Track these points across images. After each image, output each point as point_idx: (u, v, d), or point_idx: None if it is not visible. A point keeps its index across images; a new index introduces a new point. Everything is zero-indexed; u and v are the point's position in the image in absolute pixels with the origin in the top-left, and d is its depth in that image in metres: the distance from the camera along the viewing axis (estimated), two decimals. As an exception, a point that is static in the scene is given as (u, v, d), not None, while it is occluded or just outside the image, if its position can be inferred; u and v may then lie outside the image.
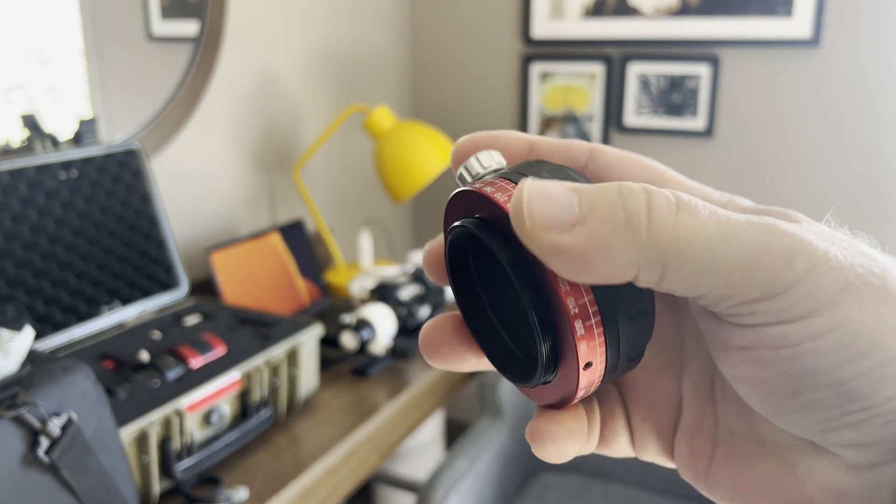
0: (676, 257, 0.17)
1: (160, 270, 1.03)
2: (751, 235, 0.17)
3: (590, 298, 0.19)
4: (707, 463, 0.22)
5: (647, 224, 0.17)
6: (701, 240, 0.17)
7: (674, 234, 0.17)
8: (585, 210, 0.17)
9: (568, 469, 1.40)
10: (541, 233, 0.17)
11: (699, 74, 1.58)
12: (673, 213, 0.17)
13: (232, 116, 1.36)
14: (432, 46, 1.88)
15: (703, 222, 0.17)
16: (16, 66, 1.02)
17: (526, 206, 0.17)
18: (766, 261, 0.17)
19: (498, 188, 0.20)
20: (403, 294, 1.19)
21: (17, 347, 0.61)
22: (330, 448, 0.91)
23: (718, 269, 0.17)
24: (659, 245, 0.17)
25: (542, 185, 0.18)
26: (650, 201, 0.17)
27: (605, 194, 0.17)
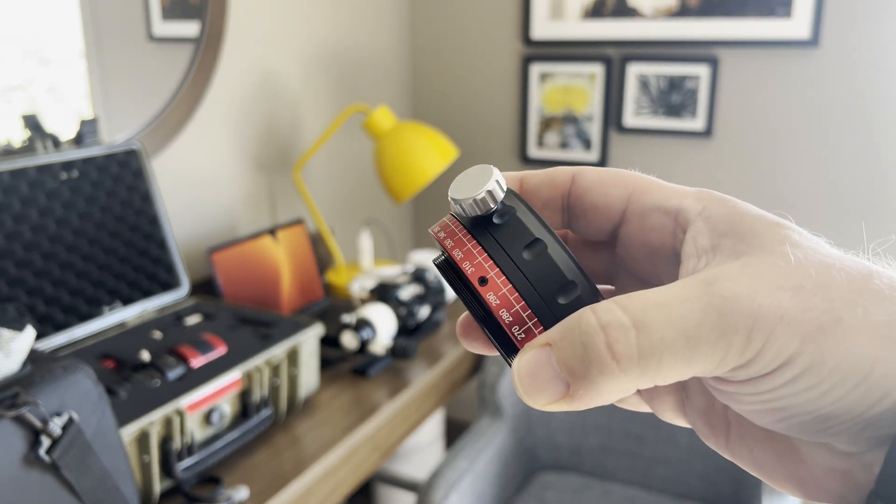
0: (654, 374, 0.19)
1: (161, 270, 1.03)
2: (707, 327, 0.19)
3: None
4: (724, 438, 0.24)
5: (616, 364, 0.19)
6: (667, 353, 0.19)
7: (642, 361, 0.19)
8: (567, 373, 0.19)
9: (568, 469, 1.40)
10: (547, 405, 0.20)
11: (698, 75, 1.58)
12: (633, 340, 0.19)
13: (232, 117, 1.36)
14: (432, 47, 1.88)
15: (662, 336, 0.19)
16: (16, 67, 1.02)
17: (525, 393, 0.20)
18: (728, 345, 0.19)
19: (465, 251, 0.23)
20: (403, 294, 1.20)
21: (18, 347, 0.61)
22: (330, 448, 0.91)
23: (693, 367, 0.19)
24: (635, 373, 0.19)
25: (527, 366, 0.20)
26: (608, 339, 0.19)
27: (574, 349, 0.19)
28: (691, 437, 1.31)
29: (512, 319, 0.22)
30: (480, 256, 0.22)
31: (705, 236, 0.22)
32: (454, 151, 1.37)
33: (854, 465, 0.21)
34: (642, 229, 0.24)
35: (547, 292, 0.22)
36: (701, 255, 0.21)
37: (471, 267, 0.22)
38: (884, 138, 1.47)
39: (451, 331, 1.29)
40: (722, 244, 0.21)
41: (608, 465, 1.37)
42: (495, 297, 0.22)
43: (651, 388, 0.25)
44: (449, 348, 1.23)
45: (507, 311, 0.22)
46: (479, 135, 1.86)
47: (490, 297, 0.22)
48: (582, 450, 1.39)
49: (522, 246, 0.22)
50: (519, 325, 0.22)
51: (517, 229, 0.22)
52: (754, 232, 0.21)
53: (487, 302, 0.22)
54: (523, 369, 0.20)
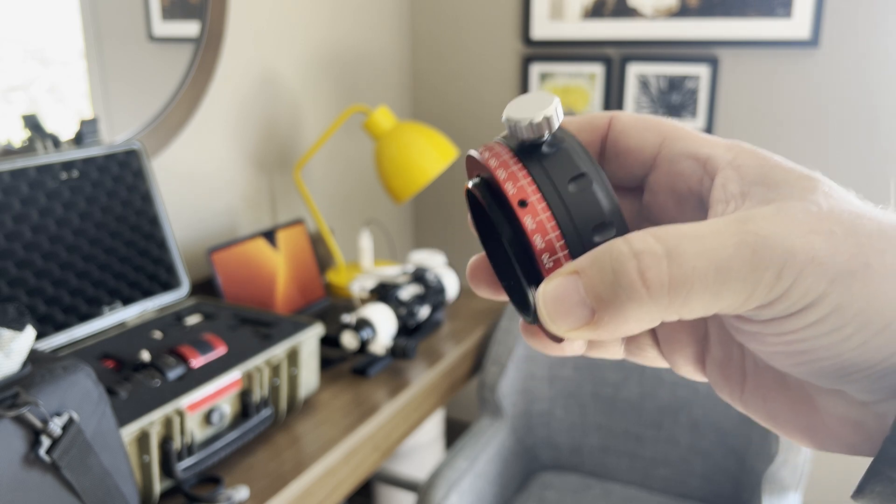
0: (682, 304, 0.19)
1: (161, 270, 1.03)
2: (739, 261, 0.19)
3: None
4: (739, 390, 0.25)
5: (647, 291, 0.19)
6: (697, 284, 0.19)
7: (672, 289, 0.19)
8: (594, 300, 0.20)
9: (568, 469, 1.40)
10: (570, 332, 0.20)
11: (698, 75, 1.58)
12: (665, 268, 0.19)
13: (233, 117, 1.36)
14: (432, 47, 1.88)
15: (694, 266, 0.19)
16: (17, 67, 1.02)
17: (549, 318, 0.20)
18: (757, 280, 0.19)
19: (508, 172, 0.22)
20: (403, 294, 1.20)
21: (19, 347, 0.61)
22: (330, 447, 0.91)
23: (720, 301, 0.19)
24: (664, 302, 0.19)
25: (553, 291, 0.20)
26: (640, 266, 0.19)
27: (604, 275, 0.19)
28: (691, 437, 1.31)
29: (544, 246, 0.22)
30: (524, 180, 0.22)
31: (735, 183, 0.22)
32: (454, 151, 1.37)
33: (867, 415, 0.21)
34: (671, 174, 0.24)
35: (584, 227, 0.21)
36: (730, 200, 0.21)
37: (513, 188, 0.22)
38: (884, 138, 1.47)
39: (451, 331, 1.30)
40: (752, 191, 0.21)
41: (608, 465, 1.37)
42: (532, 221, 0.22)
43: (671, 341, 0.26)
44: (449, 348, 1.23)
45: (541, 237, 0.22)
46: (479, 135, 1.86)
47: (527, 221, 0.22)
48: (582, 450, 1.39)
49: (568, 178, 0.22)
50: (549, 253, 0.22)
51: (566, 161, 0.22)
52: (786, 181, 0.21)
53: (524, 225, 0.22)
54: (549, 294, 0.20)
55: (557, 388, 1.38)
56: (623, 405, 1.36)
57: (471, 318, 1.35)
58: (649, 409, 1.34)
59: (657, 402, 1.33)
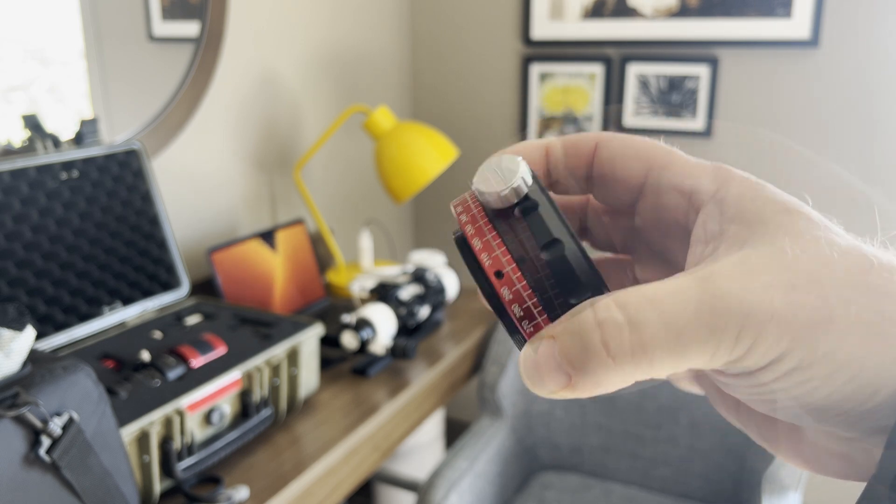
0: (647, 367, 0.20)
1: (161, 270, 1.03)
2: (697, 324, 0.19)
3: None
4: (735, 411, 0.25)
5: (612, 360, 0.20)
6: (658, 350, 0.19)
7: (635, 357, 0.20)
8: (568, 365, 0.20)
9: (568, 469, 1.40)
10: (552, 394, 0.21)
11: (698, 75, 1.58)
12: (626, 336, 0.19)
13: (233, 117, 1.36)
14: (432, 47, 1.88)
15: (653, 334, 0.19)
16: (17, 67, 1.02)
17: (529, 383, 0.21)
18: (718, 343, 0.19)
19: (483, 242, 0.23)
20: (403, 294, 1.20)
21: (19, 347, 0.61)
22: (330, 447, 0.91)
23: (684, 362, 0.20)
24: (629, 367, 0.20)
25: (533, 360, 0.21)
26: (603, 336, 0.20)
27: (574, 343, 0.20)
28: (691, 437, 1.31)
29: (523, 314, 0.22)
30: (499, 249, 0.23)
31: (715, 220, 0.22)
32: (454, 151, 1.37)
33: (854, 449, 0.22)
34: (658, 206, 0.25)
35: (559, 293, 0.22)
36: (709, 240, 0.22)
37: (489, 259, 0.23)
38: (884, 138, 1.47)
39: (451, 331, 1.30)
40: (728, 230, 0.21)
41: (608, 465, 1.37)
42: (509, 291, 0.22)
43: None
44: (449, 348, 1.23)
45: (518, 306, 0.22)
46: (479, 135, 1.86)
47: (504, 292, 0.22)
48: (582, 450, 1.39)
49: (541, 244, 0.22)
50: (528, 319, 0.22)
51: (538, 227, 0.23)
52: (760, 218, 0.21)
53: (501, 296, 0.22)
54: (528, 360, 0.21)
55: (557, 388, 1.38)
56: (623, 405, 1.36)
57: (471, 318, 1.35)
58: (649, 409, 1.34)
59: (657, 403, 1.33)
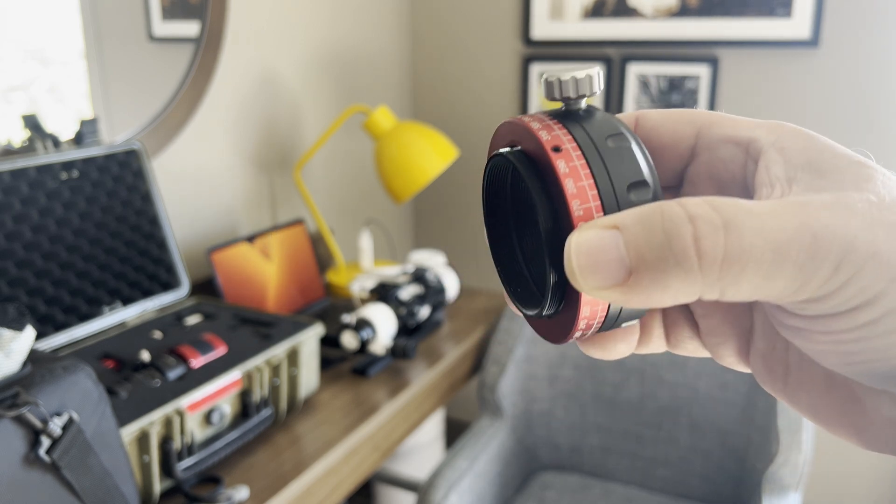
0: (731, 282, 0.17)
1: (161, 270, 1.03)
2: (799, 245, 0.17)
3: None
4: (783, 383, 0.23)
5: (698, 261, 0.17)
6: (751, 262, 0.17)
7: (725, 263, 0.17)
8: (635, 259, 0.18)
9: (568, 469, 1.40)
10: (598, 291, 0.18)
11: (699, 75, 1.58)
12: (721, 238, 0.17)
13: (233, 117, 1.36)
14: (432, 47, 1.88)
15: (752, 242, 0.17)
16: (17, 67, 1.02)
17: (577, 270, 0.18)
18: (814, 270, 0.17)
19: (544, 126, 0.21)
20: (403, 294, 1.20)
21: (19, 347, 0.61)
22: (330, 447, 0.91)
23: (771, 286, 0.18)
24: (713, 276, 0.17)
25: (588, 242, 0.18)
26: (696, 232, 0.17)
27: (651, 235, 0.17)
28: (691, 437, 1.31)
29: (576, 192, 0.20)
30: (560, 130, 0.21)
31: (780, 166, 0.20)
32: (454, 151, 1.37)
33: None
34: (712, 162, 0.23)
35: (620, 182, 0.20)
36: (775, 183, 0.20)
37: (547, 135, 0.21)
38: (884, 138, 1.47)
39: (451, 331, 1.30)
40: (799, 177, 0.19)
41: (608, 465, 1.37)
42: (566, 165, 0.20)
43: (715, 334, 0.24)
44: (449, 348, 1.23)
45: (573, 182, 0.20)
46: (479, 135, 1.86)
47: (560, 165, 0.20)
48: (582, 450, 1.39)
49: (606, 135, 0.21)
50: (581, 200, 0.20)
51: (603, 121, 0.21)
52: (836, 168, 0.19)
53: (556, 168, 0.20)
54: (583, 244, 0.18)
55: (557, 388, 1.38)
56: (623, 405, 1.36)
57: (471, 318, 1.35)
58: (649, 409, 1.34)
59: (657, 403, 1.33)
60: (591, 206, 0.20)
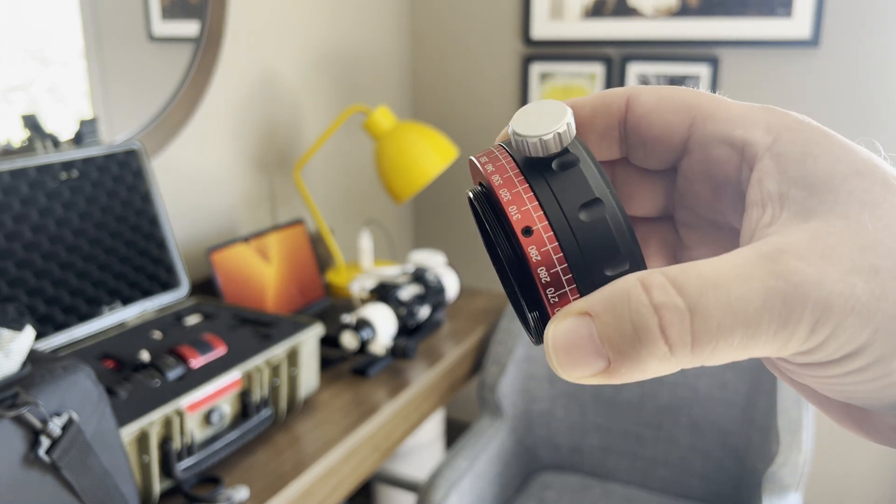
0: (707, 358, 0.18)
1: (161, 270, 1.03)
2: (769, 315, 0.17)
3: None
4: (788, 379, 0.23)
5: (669, 349, 0.17)
6: (721, 341, 0.17)
7: (696, 347, 0.17)
8: (610, 351, 0.18)
9: (568, 469, 1.40)
10: (583, 379, 0.19)
11: (699, 75, 1.58)
12: (687, 324, 0.17)
13: (232, 117, 1.36)
14: (432, 46, 1.88)
15: (719, 323, 0.17)
16: (17, 67, 1.02)
17: (559, 367, 0.19)
18: (790, 334, 0.17)
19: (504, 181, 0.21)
20: (403, 294, 1.20)
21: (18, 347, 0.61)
22: (330, 447, 0.91)
23: (749, 352, 0.18)
24: (686, 359, 0.18)
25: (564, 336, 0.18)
26: (661, 322, 0.17)
27: (622, 326, 0.18)
28: (691, 437, 1.31)
29: (549, 280, 0.19)
30: (531, 203, 0.20)
31: (773, 179, 0.19)
32: (454, 151, 1.37)
33: None
34: (705, 161, 0.22)
35: (594, 261, 0.19)
36: (766, 203, 0.19)
37: (517, 213, 0.20)
38: (884, 138, 1.47)
39: (451, 331, 1.29)
40: (791, 194, 0.19)
41: (608, 465, 1.37)
42: (537, 252, 0.19)
43: None
44: (449, 348, 1.23)
45: (546, 269, 0.19)
46: (479, 135, 1.86)
47: (532, 252, 0.19)
48: (582, 450, 1.39)
49: (579, 204, 0.20)
50: (555, 287, 0.19)
51: (577, 183, 0.20)
52: (829, 185, 0.19)
53: (528, 256, 0.20)
54: (559, 340, 0.18)
55: (557, 388, 1.38)
56: (623, 405, 1.36)
57: (471, 318, 1.35)
58: (649, 409, 1.34)
59: (657, 403, 1.33)
60: (565, 291, 0.20)
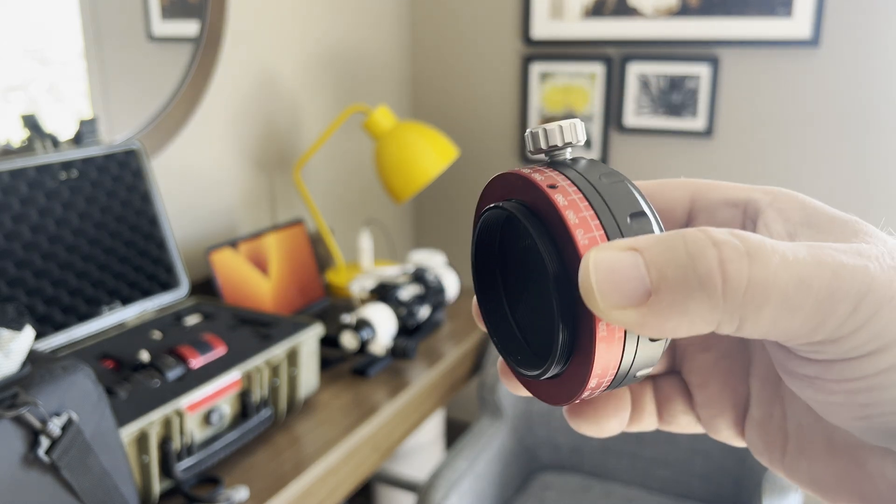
0: (752, 312, 0.17)
1: (160, 270, 1.03)
2: (820, 281, 0.17)
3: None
4: (780, 453, 0.23)
5: (722, 285, 0.17)
6: (775, 293, 0.17)
7: (749, 291, 0.17)
8: (656, 279, 0.17)
9: (568, 469, 1.40)
10: (616, 311, 0.17)
11: (699, 75, 1.58)
12: (746, 265, 0.17)
13: (232, 116, 1.36)
14: (432, 46, 1.88)
15: (776, 273, 0.17)
16: (16, 67, 1.02)
17: (596, 286, 0.17)
18: (833, 307, 0.17)
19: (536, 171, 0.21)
20: (403, 294, 1.20)
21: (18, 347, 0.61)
22: (330, 448, 0.91)
23: (789, 322, 0.17)
24: (735, 304, 0.17)
25: (608, 260, 0.17)
26: (721, 256, 0.17)
27: (675, 255, 0.17)
28: (692, 438, 1.31)
29: (577, 222, 0.19)
30: (552, 172, 0.21)
31: (779, 224, 0.20)
32: (454, 151, 1.37)
33: None
34: (710, 224, 0.22)
35: (620, 212, 0.20)
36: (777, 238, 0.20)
37: (541, 176, 0.21)
38: (884, 138, 1.47)
39: (451, 331, 1.29)
40: (800, 233, 0.19)
41: (609, 465, 1.37)
42: (564, 198, 0.20)
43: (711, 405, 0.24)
44: (449, 348, 1.22)
45: (574, 213, 0.19)
46: (479, 135, 1.86)
47: (559, 198, 0.20)
48: (582, 450, 1.39)
49: (599, 173, 0.21)
50: (584, 230, 0.19)
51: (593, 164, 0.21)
52: (833, 225, 0.19)
53: (555, 202, 0.20)
54: (601, 261, 0.17)
55: (557, 388, 1.38)
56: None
57: (471, 318, 1.35)
58: (649, 409, 1.34)
59: (657, 403, 1.33)
60: (595, 236, 0.19)
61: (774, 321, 0.17)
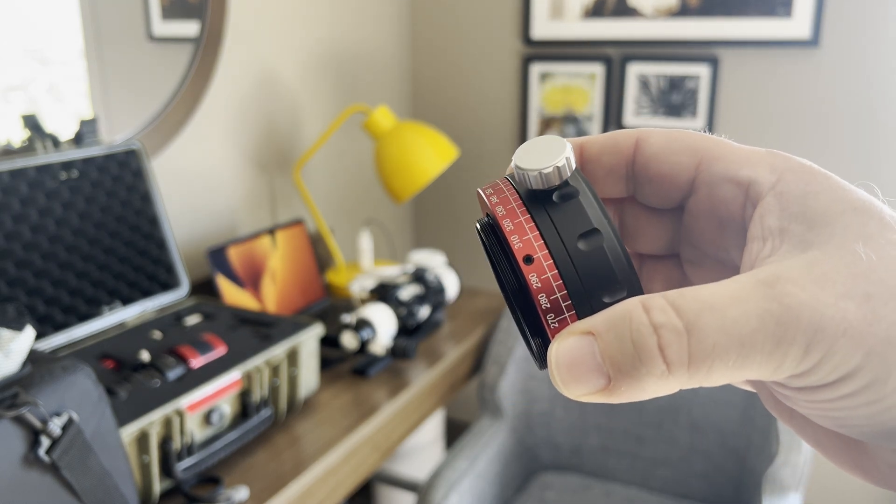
0: (704, 376, 0.18)
1: (160, 270, 1.03)
2: (762, 336, 0.18)
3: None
4: (789, 415, 0.23)
5: (667, 368, 0.18)
6: (719, 359, 0.18)
7: (693, 366, 0.18)
8: (612, 370, 0.19)
9: (568, 469, 1.40)
10: (584, 397, 0.19)
11: (699, 75, 1.58)
12: (684, 345, 0.18)
13: (232, 116, 1.36)
14: (432, 46, 1.88)
15: (714, 343, 0.18)
16: (16, 67, 1.02)
17: (562, 383, 0.20)
18: (784, 353, 0.18)
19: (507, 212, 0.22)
20: (403, 294, 1.20)
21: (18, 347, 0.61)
22: (330, 448, 0.91)
23: (743, 373, 0.18)
24: (684, 378, 0.18)
25: (568, 354, 0.19)
26: (660, 342, 0.18)
27: (622, 346, 0.18)
28: (692, 438, 1.31)
29: (549, 307, 0.21)
30: (532, 233, 0.21)
31: (774, 215, 0.20)
32: (454, 151, 1.37)
33: None
34: (711, 200, 0.23)
35: (593, 288, 0.20)
36: (767, 237, 0.20)
37: (519, 242, 0.21)
38: (884, 138, 1.47)
39: (451, 331, 1.29)
40: (791, 229, 0.20)
41: (609, 465, 1.37)
42: (538, 279, 0.21)
43: None
44: (449, 348, 1.23)
45: (546, 296, 0.21)
46: (479, 135, 1.86)
47: (532, 279, 0.21)
48: (582, 450, 1.39)
49: (578, 234, 0.21)
50: (555, 313, 0.21)
51: (576, 214, 0.21)
52: (827, 220, 0.19)
53: (529, 283, 0.21)
54: (562, 357, 0.19)
55: (557, 388, 1.38)
56: (623, 405, 1.35)
57: (471, 318, 1.35)
58: (649, 409, 1.34)
59: (657, 403, 1.33)
60: (565, 316, 0.21)
61: (729, 377, 0.18)
